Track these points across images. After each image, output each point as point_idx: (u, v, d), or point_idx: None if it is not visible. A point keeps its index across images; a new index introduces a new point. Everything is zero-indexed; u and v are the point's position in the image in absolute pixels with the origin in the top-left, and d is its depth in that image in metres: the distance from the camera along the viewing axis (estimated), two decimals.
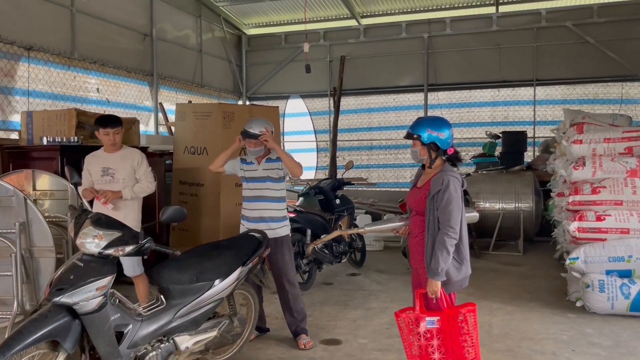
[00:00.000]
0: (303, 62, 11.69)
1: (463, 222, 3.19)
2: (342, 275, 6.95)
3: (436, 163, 3.26)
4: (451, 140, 3.24)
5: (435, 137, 3.19)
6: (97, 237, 2.96)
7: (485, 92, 11.53)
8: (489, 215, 8.38)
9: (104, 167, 4.57)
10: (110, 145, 4.60)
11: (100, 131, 4.56)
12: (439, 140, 3.19)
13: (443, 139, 3.20)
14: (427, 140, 3.20)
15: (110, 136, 4.57)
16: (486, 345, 4.38)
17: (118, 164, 4.60)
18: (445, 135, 3.20)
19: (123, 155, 4.67)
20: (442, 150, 3.23)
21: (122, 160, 4.63)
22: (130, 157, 4.68)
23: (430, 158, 3.23)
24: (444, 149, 3.22)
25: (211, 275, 3.55)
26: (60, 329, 2.82)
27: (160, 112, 9.91)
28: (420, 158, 3.28)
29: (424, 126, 3.22)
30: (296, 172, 4.38)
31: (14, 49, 7.01)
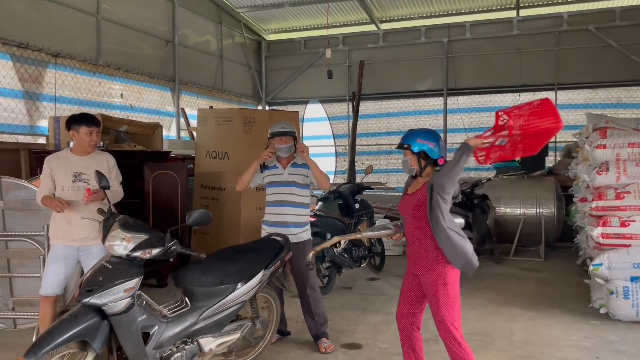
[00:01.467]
0: (322, 67, 11.77)
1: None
2: (362, 280, 6.97)
3: (426, 171, 3.38)
4: (441, 151, 3.37)
5: (424, 146, 3.33)
6: (124, 239, 3.03)
7: (506, 96, 11.46)
8: (510, 221, 8.32)
9: (75, 171, 4.07)
10: (90, 146, 4.14)
11: (82, 129, 4.06)
12: (428, 149, 3.33)
13: (432, 149, 3.33)
14: (417, 150, 3.33)
15: (93, 136, 4.13)
16: (507, 352, 4.37)
17: (90, 168, 4.04)
18: (434, 145, 3.34)
19: (95, 159, 4.19)
20: (431, 160, 3.35)
21: (95, 164, 4.10)
22: (102, 160, 4.23)
23: (420, 167, 3.36)
24: (434, 158, 3.34)
25: (234, 278, 3.61)
26: (90, 330, 2.89)
27: (182, 117, 10.05)
28: (410, 168, 3.41)
29: (414, 136, 3.38)
30: (324, 184, 4.45)
31: (42, 56, 7.19)
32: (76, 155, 4.15)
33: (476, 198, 7.69)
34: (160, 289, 6.34)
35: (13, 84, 6.84)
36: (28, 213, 4.61)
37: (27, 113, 7.05)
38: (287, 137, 4.39)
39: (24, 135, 6.97)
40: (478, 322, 5.15)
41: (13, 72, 6.83)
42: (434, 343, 4.27)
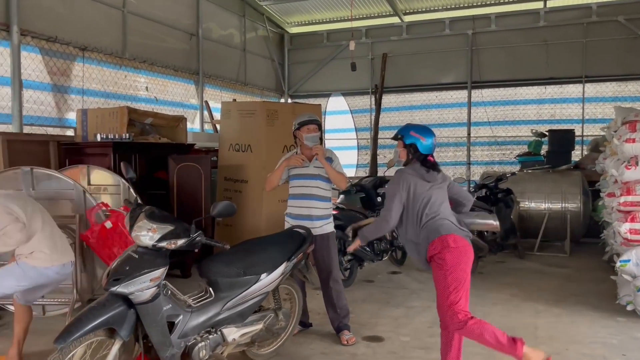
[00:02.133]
0: (345, 60, 11.73)
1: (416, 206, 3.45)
2: (383, 273, 6.97)
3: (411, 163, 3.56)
4: (432, 148, 3.54)
5: (416, 139, 3.51)
6: (150, 230, 3.07)
7: (532, 89, 11.29)
8: (534, 215, 8.22)
9: None
10: None
11: None
12: (419, 142, 3.50)
13: (423, 143, 3.50)
14: (409, 141, 3.52)
15: None
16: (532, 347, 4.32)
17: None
18: (426, 140, 3.50)
19: None
20: (420, 154, 3.52)
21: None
22: None
23: (408, 157, 3.56)
24: (423, 152, 3.51)
25: (257, 270, 3.64)
26: (117, 318, 2.94)
27: (206, 110, 10.14)
28: (399, 159, 3.63)
29: (409, 129, 3.59)
30: (341, 185, 4.47)
31: (70, 50, 7.33)
32: None
33: (500, 192, 7.62)
34: (184, 279, 6.43)
35: (42, 77, 6.99)
36: (59, 202, 4.71)
37: (56, 106, 7.20)
38: (314, 125, 4.40)
39: (53, 127, 7.12)
40: (501, 317, 5.11)
41: (42, 66, 6.98)
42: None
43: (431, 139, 3.52)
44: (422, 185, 3.48)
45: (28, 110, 6.69)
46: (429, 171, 3.54)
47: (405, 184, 3.47)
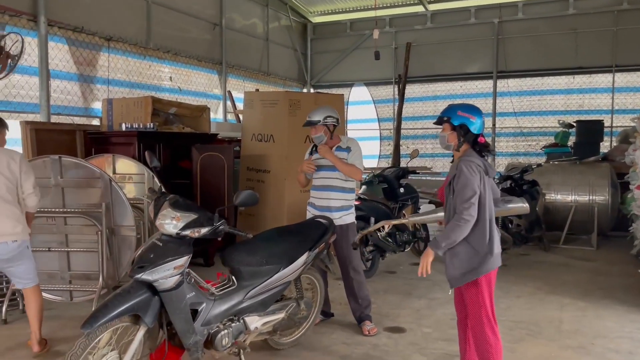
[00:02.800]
0: (368, 50, 11.64)
1: (487, 210, 3.09)
2: (405, 265, 6.94)
3: (462, 148, 3.19)
4: (482, 127, 3.18)
5: (465, 119, 3.13)
6: (174, 218, 3.10)
7: (559, 79, 11.05)
8: (560, 208, 8.08)
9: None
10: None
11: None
12: (469, 122, 3.13)
13: (473, 122, 3.13)
14: (457, 122, 3.14)
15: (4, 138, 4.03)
16: (556, 341, 4.27)
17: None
18: (475, 118, 3.14)
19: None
20: (472, 135, 3.15)
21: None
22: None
23: (459, 141, 3.17)
24: (474, 133, 3.15)
25: (279, 259, 3.66)
26: (142, 304, 2.99)
27: (229, 100, 10.18)
28: (447, 144, 3.23)
29: (455, 109, 3.19)
30: (354, 177, 4.40)
31: (96, 40, 7.42)
32: None
33: (525, 184, 7.50)
34: (207, 268, 6.50)
35: (69, 67, 7.09)
36: (85, 191, 4.79)
37: (82, 95, 7.31)
38: (314, 126, 4.37)
39: (80, 116, 7.23)
40: (525, 310, 5.05)
41: (69, 56, 7.08)
42: None
43: (480, 117, 3.17)
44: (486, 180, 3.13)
45: (55, 100, 6.80)
46: (484, 157, 3.18)
47: (477, 174, 3.07)
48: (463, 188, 3.04)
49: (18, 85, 6.34)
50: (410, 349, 4.13)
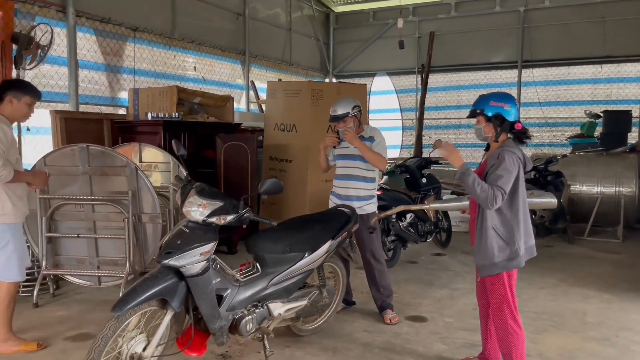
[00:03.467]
0: (391, 39, 11.58)
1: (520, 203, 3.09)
2: (427, 255, 6.94)
3: (501, 138, 3.16)
4: (517, 114, 3.14)
5: (499, 108, 3.10)
6: (201, 206, 3.16)
7: (586, 68, 10.84)
8: (585, 199, 7.97)
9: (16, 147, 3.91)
10: (26, 118, 3.90)
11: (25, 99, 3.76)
12: (503, 111, 3.09)
13: (507, 110, 3.10)
14: (491, 113, 3.11)
15: (32, 108, 3.87)
16: (580, 333, 4.25)
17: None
18: (509, 106, 3.10)
19: None
20: (508, 123, 3.12)
21: None
22: None
23: (496, 132, 3.13)
24: (510, 120, 3.11)
25: (303, 247, 3.70)
26: (169, 289, 3.06)
27: (252, 90, 10.24)
28: (484, 136, 3.20)
29: (487, 100, 3.15)
30: (379, 166, 4.40)
31: (122, 30, 7.52)
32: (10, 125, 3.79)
33: (550, 175, 7.42)
34: (231, 255, 6.60)
35: (96, 57, 7.21)
36: (112, 179, 4.90)
37: (109, 85, 7.44)
38: (340, 121, 4.33)
39: (107, 106, 7.36)
40: (548, 302, 5.02)
41: (96, 46, 7.20)
42: None
43: (514, 104, 3.13)
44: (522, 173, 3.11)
45: (83, 90, 6.94)
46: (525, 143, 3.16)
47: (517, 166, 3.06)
48: (500, 175, 3.00)
49: (48, 75, 6.48)
50: (432, 338, 4.15)
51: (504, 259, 3.10)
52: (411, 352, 3.90)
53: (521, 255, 3.11)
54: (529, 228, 3.17)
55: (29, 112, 3.84)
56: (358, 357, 3.81)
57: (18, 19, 6.01)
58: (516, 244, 3.09)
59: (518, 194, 3.09)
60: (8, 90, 3.75)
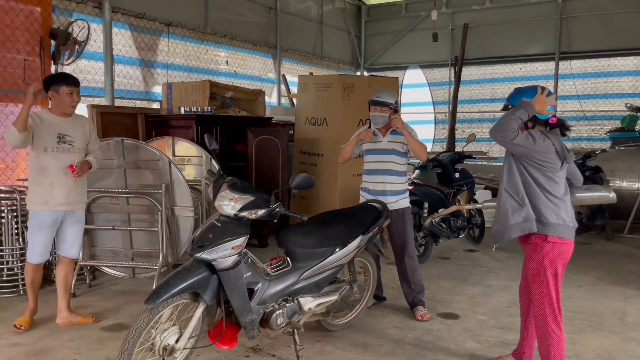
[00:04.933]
0: (423, 32, 11.42)
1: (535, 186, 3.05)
2: (459, 251, 6.83)
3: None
4: (552, 108, 3.08)
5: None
6: (233, 200, 3.18)
7: (628, 59, 10.46)
8: (626, 195, 7.70)
9: (60, 133, 3.97)
10: (70, 107, 4.02)
11: (63, 89, 3.92)
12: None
13: None
14: None
15: (74, 96, 4.00)
16: (619, 333, 4.11)
17: (74, 130, 4.05)
18: None
19: (78, 121, 4.14)
20: (540, 120, 3.08)
21: (77, 126, 4.09)
22: (82, 123, 4.16)
23: (526, 127, 3.08)
24: (541, 117, 3.07)
25: (333, 242, 3.68)
26: (201, 282, 3.09)
27: (283, 84, 10.25)
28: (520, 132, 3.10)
29: (519, 95, 3.13)
30: (422, 155, 4.37)
31: (156, 25, 7.62)
32: (57, 116, 4.00)
33: (588, 170, 7.20)
34: (262, 248, 6.64)
35: (131, 52, 7.33)
36: (146, 172, 4.98)
37: (143, 80, 7.55)
38: (382, 107, 4.32)
39: (141, 100, 7.48)
40: (586, 301, 4.88)
41: (131, 41, 7.31)
42: None
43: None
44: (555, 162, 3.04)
45: (118, 84, 7.06)
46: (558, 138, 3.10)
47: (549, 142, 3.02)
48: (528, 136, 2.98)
49: (85, 70, 6.62)
50: (464, 336, 4.09)
51: (520, 221, 3.05)
52: (443, 349, 3.85)
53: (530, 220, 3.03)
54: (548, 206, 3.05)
55: (72, 101, 4.00)
56: (389, 354, 3.78)
57: (56, 15, 6.15)
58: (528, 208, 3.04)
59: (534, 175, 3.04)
60: (49, 87, 3.96)
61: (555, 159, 3.05)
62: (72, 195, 4.05)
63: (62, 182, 3.97)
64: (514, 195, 3.09)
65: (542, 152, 3.01)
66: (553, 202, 3.06)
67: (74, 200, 4.09)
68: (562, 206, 3.08)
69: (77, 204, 4.13)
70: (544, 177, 3.07)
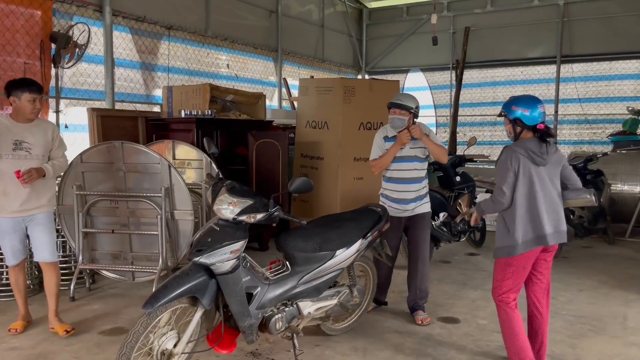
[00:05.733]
0: (424, 35, 11.41)
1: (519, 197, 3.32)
2: (460, 255, 6.81)
3: (524, 136, 3.40)
4: (540, 117, 3.35)
5: (519, 114, 3.36)
6: (231, 204, 3.16)
7: (629, 63, 10.43)
8: (627, 199, 7.69)
9: (17, 139, 3.87)
10: (32, 114, 3.89)
11: (25, 96, 3.82)
12: (523, 116, 3.35)
13: (527, 115, 3.34)
14: (512, 116, 3.39)
15: (36, 103, 3.88)
16: (620, 338, 4.09)
17: (33, 137, 3.92)
18: (529, 111, 3.34)
19: (39, 127, 3.99)
20: (528, 126, 3.36)
21: (38, 132, 3.96)
22: (44, 129, 4.02)
23: (515, 133, 3.42)
24: (529, 124, 3.35)
25: (333, 246, 3.67)
26: (200, 287, 3.08)
27: (284, 87, 10.25)
28: (509, 135, 3.50)
29: (512, 103, 3.42)
30: (443, 159, 4.33)
31: (157, 29, 7.62)
32: (17, 122, 3.91)
33: (589, 174, 7.18)
34: (262, 252, 6.62)
35: (132, 56, 7.33)
36: (146, 176, 4.96)
37: (144, 83, 7.55)
38: (402, 110, 4.24)
39: (141, 103, 7.48)
40: (587, 305, 4.85)
41: (132, 45, 7.31)
42: None
43: (536, 109, 3.33)
44: (531, 168, 3.31)
45: (119, 88, 7.06)
46: (542, 145, 3.32)
47: (514, 161, 3.32)
48: (497, 174, 3.43)
49: (85, 74, 6.62)
50: (465, 340, 4.07)
51: (505, 245, 3.38)
52: (443, 354, 3.83)
53: (518, 245, 3.32)
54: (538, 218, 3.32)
55: (33, 109, 3.88)
56: (389, 359, 3.76)
57: (56, 18, 6.16)
58: (517, 232, 3.32)
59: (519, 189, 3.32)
60: (10, 92, 3.87)
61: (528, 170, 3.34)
62: (30, 202, 3.94)
63: (16, 189, 3.85)
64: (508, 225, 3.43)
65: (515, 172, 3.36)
66: None
67: (32, 207, 3.96)
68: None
69: (36, 209, 3.99)
70: None
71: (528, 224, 3.31)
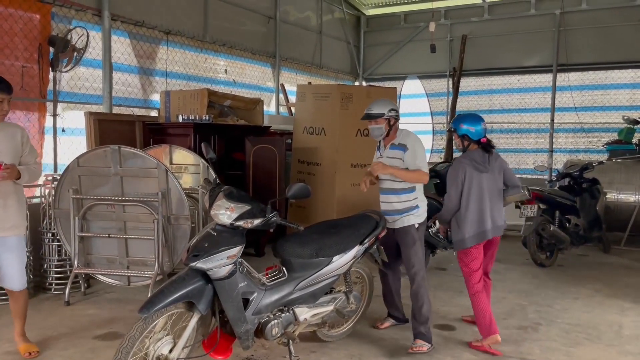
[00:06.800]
0: (422, 42, 11.46)
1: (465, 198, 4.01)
2: (456, 262, 6.75)
3: (469, 148, 4.11)
4: (483, 132, 4.07)
5: (466, 130, 4.07)
6: (229, 209, 3.17)
7: (625, 72, 10.49)
8: (623, 207, 7.73)
9: None
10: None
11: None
12: (469, 132, 4.06)
13: (473, 132, 4.05)
14: (461, 133, 4.08)
15: (4, 105, 3.49)
16: (615, 347, 4.10)
17: (1, 142, 3.55)
18: (474, 129, 4.05)
19: (5, 132, 3.59)
20: (474, 140, 4.07)
21: (5, 137, 3.57)
22: (12, 133, 3.63)
23: (463, 146, 4.14)
24: (475, 139, 4.06)
25: (330, 252, 3.68)
26: (196, 292, 3.07)
27: (282, 93, 10.27)
28: (458, 147, 4.20)
29: (459, 122, 4.12)
30: (421, 181, 4.08)
31: (155, 34, 7.63)
32: None
33: (585, 182, 7.21)
34: (258, 258, 6.61)
35: (130, 60, 7.33)
36: (143, 180, 4.96)
37: (142, 87, 7.55)
38: (375, 119, 4.08)
39: (139, 108, 7.47)
40: (583, 313, 4.87)
41: (130, 49, 7.32)
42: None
43: (479, 126, 4.06)
44: (474, 175, 4.00)
45: (117, 92, 7.05)
46: (485, 155, 4.03)
47: (461, 172, 4.01)
48: (447, 181, 4.14)
49: (83, 78, 6.61)
50: (461, 348, 4.07)
51: (457, 239, 4.09)
52: None
53: (465, 239, 4.02)
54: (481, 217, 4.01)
55: (0, 110, 3.50)
56: None
57: (55, 22, 6.16)
58: (462, 231, 4.02)
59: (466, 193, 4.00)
60: None
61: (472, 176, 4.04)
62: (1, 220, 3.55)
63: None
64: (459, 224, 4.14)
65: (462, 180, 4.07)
66: None
67: (6, 226, 3.58)
68: None
69: (8, 231, 3.60)
70: None
71: (475, 222, 3.99)
